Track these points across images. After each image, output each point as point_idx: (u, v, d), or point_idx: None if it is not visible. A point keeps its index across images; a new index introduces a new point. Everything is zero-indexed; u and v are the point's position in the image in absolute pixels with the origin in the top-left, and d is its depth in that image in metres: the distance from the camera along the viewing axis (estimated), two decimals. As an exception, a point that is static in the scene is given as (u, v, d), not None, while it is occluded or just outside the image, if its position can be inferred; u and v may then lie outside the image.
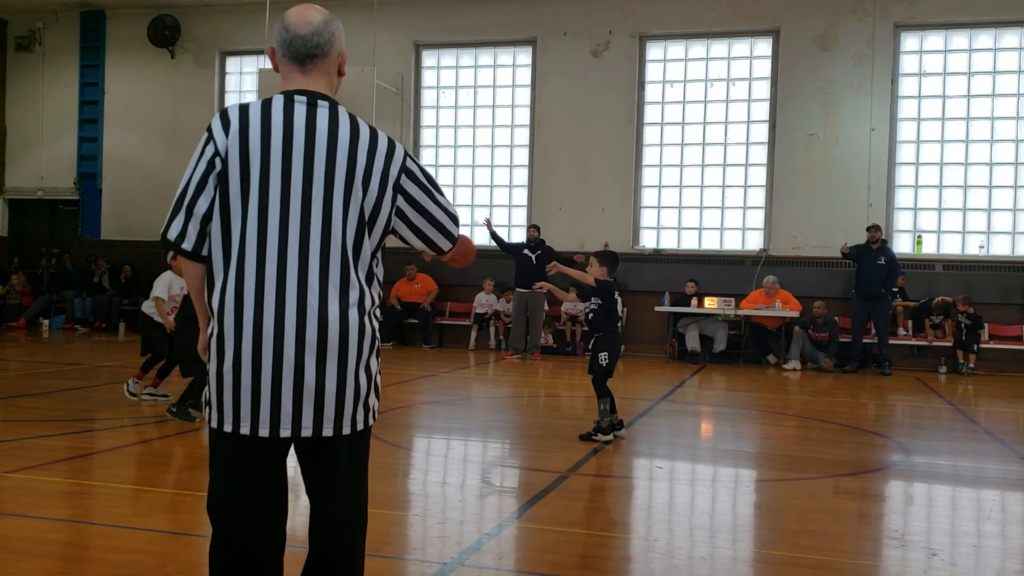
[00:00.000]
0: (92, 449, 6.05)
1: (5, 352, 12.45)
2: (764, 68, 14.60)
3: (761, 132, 14.61)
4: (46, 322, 16.08)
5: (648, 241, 15.08)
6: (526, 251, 13.69)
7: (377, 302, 2.60)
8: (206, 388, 2.51)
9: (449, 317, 15.31)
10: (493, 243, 14.02)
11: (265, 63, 15.48)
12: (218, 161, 2.41)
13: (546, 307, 14.37)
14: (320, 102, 2.48)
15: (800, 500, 5.23)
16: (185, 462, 5.99)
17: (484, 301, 14.90)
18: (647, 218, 15.15)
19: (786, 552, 4.11)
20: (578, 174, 15.04)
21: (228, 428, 2.43)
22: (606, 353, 6.87)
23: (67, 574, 3.57)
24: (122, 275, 16.43)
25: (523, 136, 15.56)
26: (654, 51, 15.08)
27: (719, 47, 14.83)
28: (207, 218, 2.42)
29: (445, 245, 2.67)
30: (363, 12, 14.63)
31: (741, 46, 14.75)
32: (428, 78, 16.01)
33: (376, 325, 2.57)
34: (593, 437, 6.66)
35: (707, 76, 14.84)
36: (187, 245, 2.43)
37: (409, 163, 2.59)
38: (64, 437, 6.43)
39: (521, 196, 15.63)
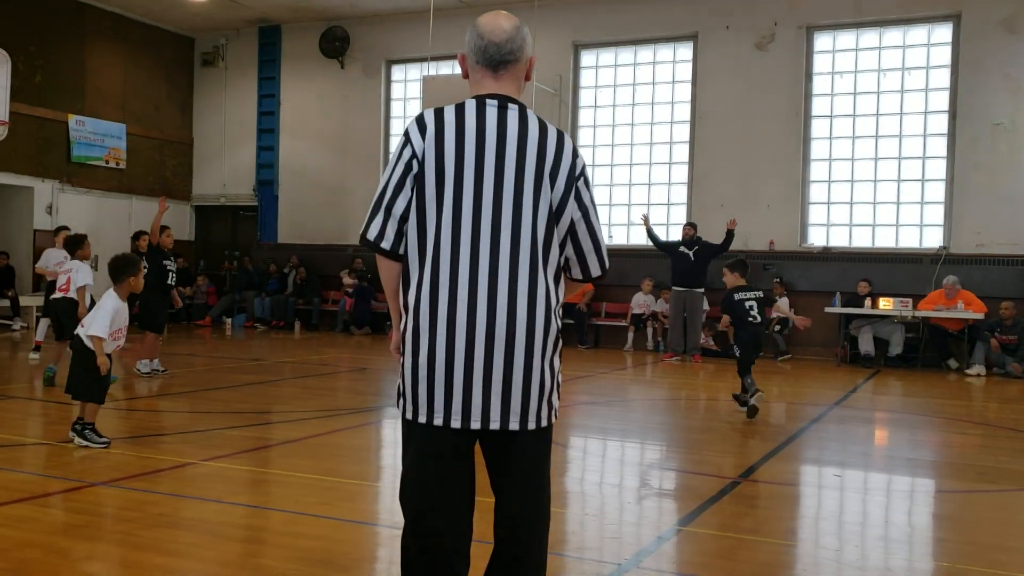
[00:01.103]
0: (276, 440, 6.38)
1: (193, 348, 13.35)
2: (943, 55, 13.74)
3: (940, 123, 13.75)
4: (229, 320, 17.18)
5: (817, 239, 14.50)
6: (683, 248, 13.44)
7: (561, 300, 2.63)
8: (400, 380, 2.60)
9: (605, 318, 15.24)
10: (649, 242, 13.85)
11: (428, 70, 15.93)
12: (415, 163, 2.51)
13: (706, 307, 14.07)
14: (510, 105, 2.56)
15: (995, 513, 4.88)
16: (363, 453, 6.24)
17: (641, 301, 14.75)
18: (815, 215, 14.57)
19: (984, 568, 3.84)
20: (741, 170, 14.65)
21: (422, 419, 2.52)
22: (735, 347, 8.20)
23: (260, 557, 3.78)
24: (297, 276, 17.31)
25: (683, 133, 15.30)
26: (822, 41, 14.49)
27: (893, 35, 14.07)
28: (404, 218, 2.52)
29: (596, 270, 2.70)
30: (523, 15, 14.68)
31: (918, 32, 13.95)
32: (586, 78, 16.01)
33: (559, 324, 2.60)
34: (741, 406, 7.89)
35: (879, 66, 14.12)
36: (385, 244, 2.53)
37: (587, 173, 2.66)
38: (250, 428, 6.84)
39: (680, 194, 15.37)
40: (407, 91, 17.47)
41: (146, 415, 7.12)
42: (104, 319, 5.75)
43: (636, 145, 15.62)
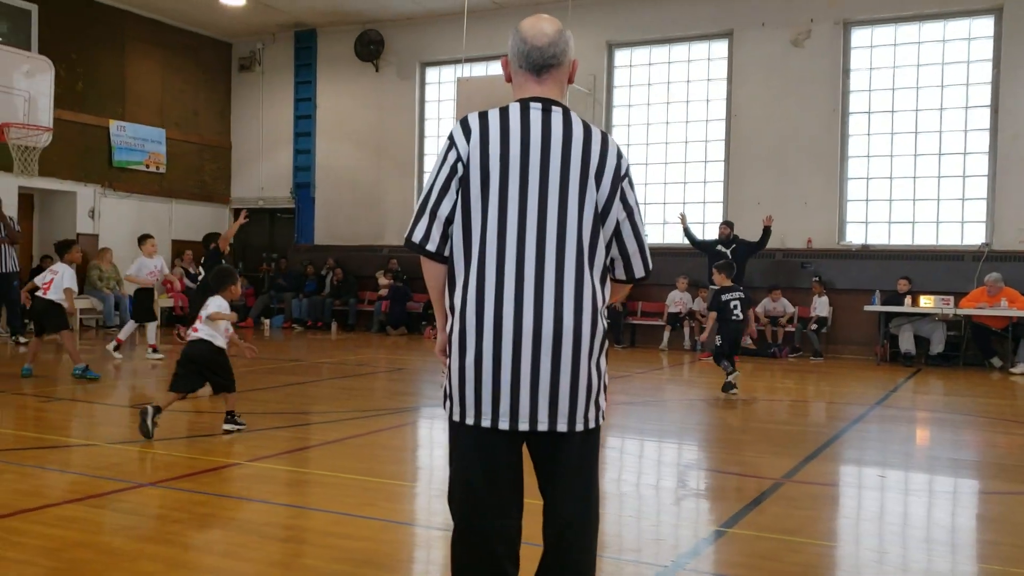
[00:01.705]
0: (318, 441, 6.44)
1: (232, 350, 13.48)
2: (984, 49, 13.53)
3: (981, 118, 13.54)
4: (267, 321, 17.37)
5: (855, 236, 14.35)
6: (720, 247, 13.37)
7: (607, 301, 2.64)
8: (446, 382, 2.61)
9: (641, 317, 15.20)
10: (686, 240, 13.80)
11: (462, 72, 15.98)
12: (460, 166, 2.52)
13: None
14: (554, 107, 2.58)
15: (1045, 516, 4.80)
16: (404, 454, 6.28)
17: (677, 299, 14.68)
18: (853, 212, 14.41)
19: (1035, 572, 3.79)
20: (777, 167, 14.54)
21: (469, 421, 2.52)
22: (719, 336, 9.20)
23: (306, 557, 3.82)
24: (334, 278, 17.45)
25: (718, 131, 15.21)
26: (860, 37, 14.33)
27: (933, 29, 13.88)
28: (449, 221, 2.54)
29: (640, 271, 2.70)
30: (556, 14, 14.63)
31: (958, 26, 13.74)
32: (620, 77, 15.97)
33: (605, 324, 2.61)
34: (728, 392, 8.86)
35: (918, 61, 13.93)
36: (431, 247, 2.54)
37: (631, 174, 2.67)
38: (292, 429, 6.91)
39: (716, 192, 15.28)
40: (441, 93, 17.54)
41: (190, 416, 7.22)
42: (214, 303, 6.47)
43: (671, 143, 15.55)
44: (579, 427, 2.54)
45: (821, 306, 13.83)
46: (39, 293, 9.09)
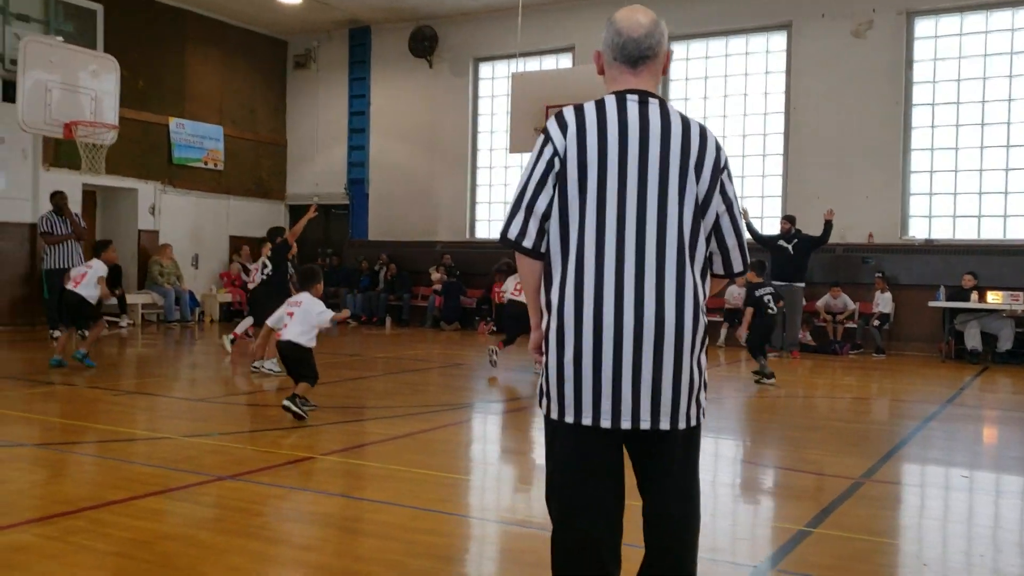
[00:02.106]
0: (388, 435, 6.45)
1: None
2: (1056, 37, 13.13)
3: (1053, 108, 13.15)
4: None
5: (918, 231, 14.03)
6: (781, 242, 13.16)
7: (707, 296, 2.59)
8: (541, 379, 2.58)
9: (700, 313, 15.01)
10: (747, 235, 13.60)
11: (517, 67, 15.93)
12: (556, 161, 2.49)
13: (803, 302, 13.75)
14: (651, 99, 2.55)
15: None
16: (475, 448, 6.28)
17: (737, 295, 14.49)
18: (917, 206, 14.10)
19: None
20: (838, 161, 14.27)
21: (569, 419, 2.49)
22: (749, 333, 9.83)
23: (390, 552, 3.82)
24: (388, 273, 17.55)
25: (777, 124, 14.99)
26: (924, 27, 14.00)
27: (1000, 18, 13.51)
28: (546, 216, 2.51)
29: (739, 265, 2.66)
30: (611, 8, 14.62)
31: (1028, 14, 13.36)
32: (676, 71, 15.79)
33: (706, 320, 2.56)
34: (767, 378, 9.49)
35: (985, 51, 13.57)
36: (527, 243, 2.51)
37: (730, 166, 2.63)
38: (360, 423, 6.95)
39: (775, 186, 15.06)
40: (495, 88, 17.53)
41: (258, 410, 7.30)
42: (323, 310, 6.84)
43: (728, 137, 15.35)
44: (681, 425, 2.50)
45: (884, 302, 13.56)
46: (70, 286, 9.54)
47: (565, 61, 16.46)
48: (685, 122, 2.55)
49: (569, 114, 2.53)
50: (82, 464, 5.32)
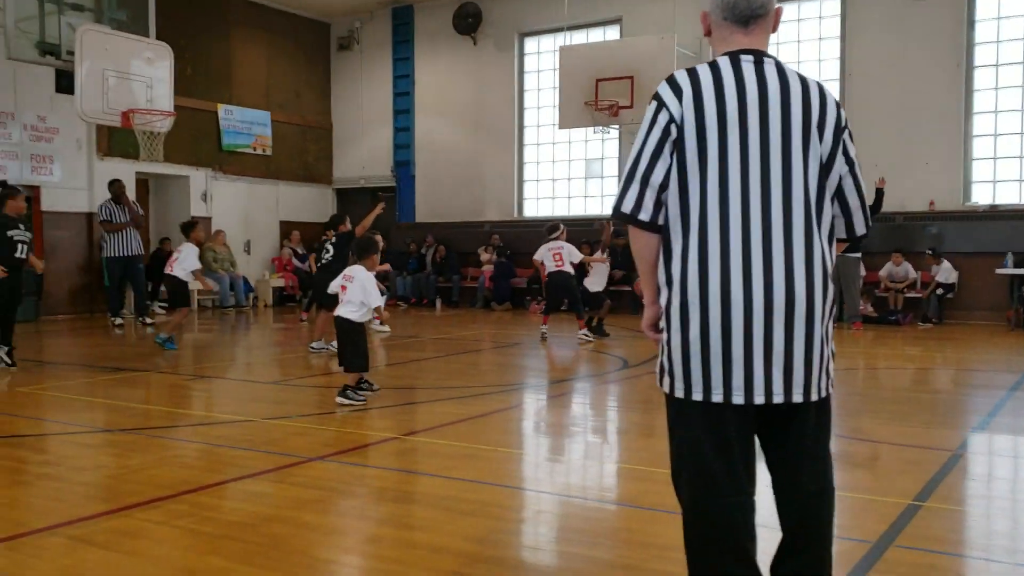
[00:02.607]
0: (467, 415, 6.39)
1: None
2: (1126, -9, 12.66)
3: (1123, 65, 12.71)
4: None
5: (982, 197, 13.69)
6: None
7: (834, 261, 2.50)
8: (661, 357, 2.50)
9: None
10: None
11: (564, 41, 15.75)
12: (673, 128, 2.38)
13: (863, 272, 13.50)
14: (766, 59, 2.45)
15: None
16: (559, 428, 6.22)
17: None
18: (980, 171, 13.74)
19: None
20: (896, 127, 13.94)
21: (697, 397, 2.40)
22: None
23: (500, 533, 3.78)
24: (436, 254, 17.53)
25: (831, 91, 14.62)
26: (985, -15, 13.59)
27: (1067, -28, 13.06)
28: (663, 187, 2.40)
29: (862, 227, 2.57)
30: (661, -21, 14.43)
31: (1095, -32, 12.89)
32: (727, 40, 15.49)
33: (833, 287, 2.47)
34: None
35: (1051, 7, 13.14)
36: (644, 216, 2.42)
37: (850, 125, 2.52)
38: (435, 403, 6.91)
39: (831, 156, 14.73)
40: (540, 63, 17.36)
41: (329, 391, 7.29)
42: (374, 290, 6.61)
43: (782, 107, 15.04)
44: (814, 396, 2.41)
45: (944, 272, 13.23)
46: (166, 269, 10.02)
47: (612, 33, 16.24)
48: (804, 81, 2.45)
49: (683, 78, 2.42)
50: (173, 448, 5.34)
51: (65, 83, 13.62)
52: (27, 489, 4.47)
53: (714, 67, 2.42)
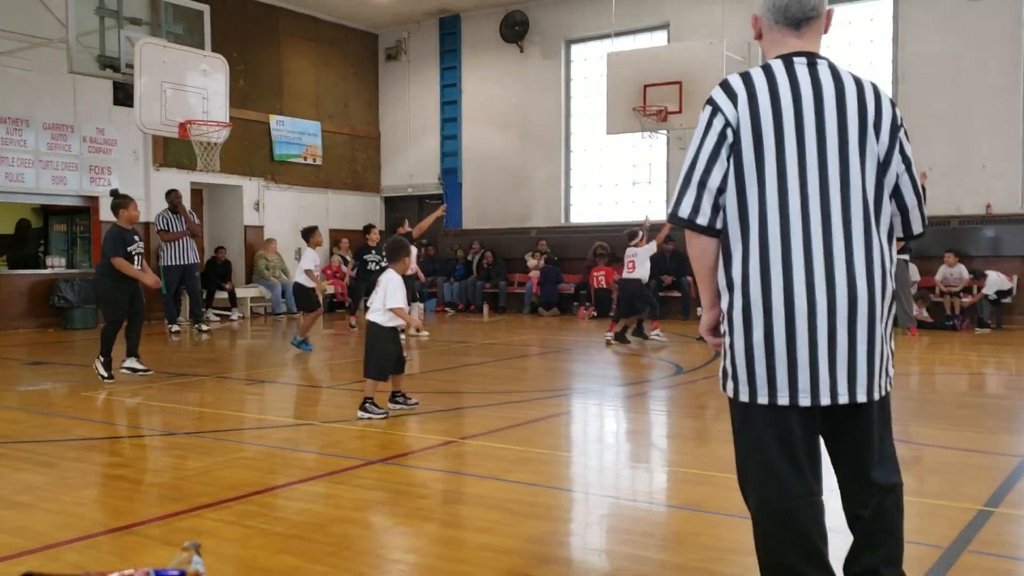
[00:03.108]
0: (523, 419, 6.41)
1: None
2: None
3: None
4: (421, 306, 17.67)
5: (1041, 200, 13.40)
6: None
7: (895, 259, 2.51)
8: (724, 361, 2.52)
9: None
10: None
11: (611, 47, 15.76)
12: (729, 132, 2.42)
13: (916, 276, 13.28)
14: (819, 60, 2.49)
15: None
16: (617, 432, 6.22)
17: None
18: (1038, 174, 13.45)
19: None
20: (951, 130, 13.70)
21: (762, 400, 2.43)
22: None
23: (563, 535, 3.79)
24: (484, 261, 17.61)
25: (884, 95, 14.43)
26: (1043, -16, 13.32)
27: None
28: (721, 191, 2.44)
29: (919, 226, 2.59)
30: (709, -17, 14.37)
31: None
32: (775, 44, 15.37)
33: (894, 285, 2.49)
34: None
35: (1112, 5, 12.83)
36: (702, 220, 2.45)
37: (905, 124, 2.53)
38: (490, 408, 6.94)
39: (883, 160, 14.52)
40: (587, 70, 17.37)
41: (383, 396, 7.36)
42: (397, 291, 6.37)
43: (832, 110, 14.87)
44: (876, 396, 2.46)
45: (994, 280, 12.88)
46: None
47: (660, 38, 16.20)
48: (858, 81, 2.48)
49: (737, 82, 2.46)
50: (236, 451, 5.44)
51: (122, 96, 13.97)
52: (101, 490, 4.59)
53: (768, 71, 2.46)
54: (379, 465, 4.98)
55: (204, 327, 13.09)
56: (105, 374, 8.10)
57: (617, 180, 17.17)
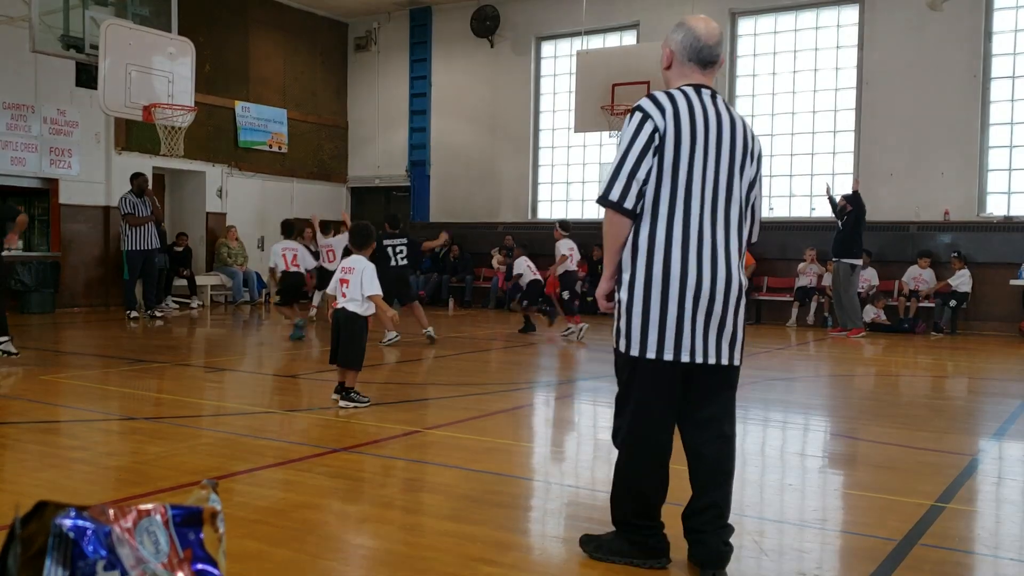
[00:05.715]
0: (487, 411, 6.43)
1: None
2: None
3: None
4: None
5: (996, 208, 13.70)
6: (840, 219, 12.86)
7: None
8: (620, 321, 3.10)
9: (767, 292, 14.85)
10: (831, 213, 13.13)
11: (581, 45, 15.81)
12: (657, 136, 3.01)
13: (875, 281, 13.51)
14: (716, 95, 3.14)
15: None
16: (580, 423, 6.26)
17: (808, 271, 14.30)
18: (995, 182, 13.75)
19: None
20: (912, 137, 13.97)
21: (650, 355, 3.03)
22: None
23: (535, 523, 3.82)
24: (451, 255, 17.59)
25: (848, 100, 14.69)
26: (1004, -3, 13.61)
27: (1086, -15, 13.07)
28: (645, 182, 3.02)
29: (755, 236, 3.29)
30: (679, -16, 14.47)
31: (1115, -18, 12.90)
32: (744, 46, 15.56)
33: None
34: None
35: (1069, 20, 13.15)
36: (628, 204, 3.02)
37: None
38: (457, 399, 6.96)
39: (845, 163, 14.77)
40: (556, 67, 17.41)
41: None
42: (374, 279, 6.24)
43: (798, 114, 15.10)
44: (736, 362, 3.14)
45: (960, 278, 13.22)
46: (292, 268, 10.58)
47: (629, 38, 16.29)
48: (740, 117, 3.16)
49: (663, 98, 3.04)
50: (198, 437, 5.40)
51: (85, 77, 13.73)
52: (61, 472, 4.52)
53: (685, 95, 3.07)
54: (342, 453, 4.97)
55: (157, 314, 12.92)
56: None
57: (584, 178, 17.24)
